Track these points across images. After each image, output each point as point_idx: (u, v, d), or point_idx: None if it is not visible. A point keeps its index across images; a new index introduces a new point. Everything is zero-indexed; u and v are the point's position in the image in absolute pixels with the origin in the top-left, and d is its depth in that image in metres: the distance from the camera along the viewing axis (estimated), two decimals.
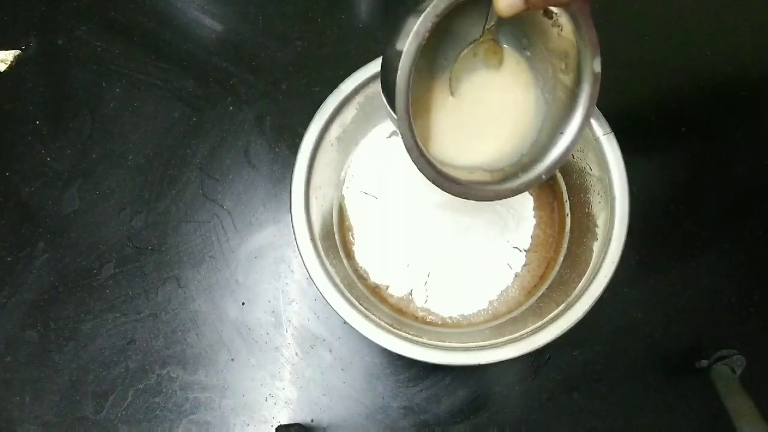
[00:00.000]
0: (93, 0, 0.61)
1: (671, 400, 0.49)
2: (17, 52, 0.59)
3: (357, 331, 0.39)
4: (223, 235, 0.54)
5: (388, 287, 0.47)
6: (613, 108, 0.43)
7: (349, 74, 0.58)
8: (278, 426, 0.48)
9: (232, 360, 0.50)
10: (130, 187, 0.55)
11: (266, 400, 0.50)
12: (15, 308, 0.52)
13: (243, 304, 0.52)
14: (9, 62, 0.59)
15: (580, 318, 0.39)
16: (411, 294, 0.47)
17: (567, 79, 0.37)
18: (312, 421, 0.49)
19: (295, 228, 0.42)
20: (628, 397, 0.49)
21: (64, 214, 0.55)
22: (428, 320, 0.47)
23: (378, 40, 0.59)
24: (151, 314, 0.52)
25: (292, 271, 0.53)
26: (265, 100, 0.57)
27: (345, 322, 0.40)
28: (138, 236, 0.54)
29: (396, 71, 0.32)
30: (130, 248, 0.53)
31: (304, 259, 0.41)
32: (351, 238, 0.49)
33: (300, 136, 0.53)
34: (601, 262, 0.40)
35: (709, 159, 0.55)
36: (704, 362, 0.48)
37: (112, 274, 0.53)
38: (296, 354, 0.51)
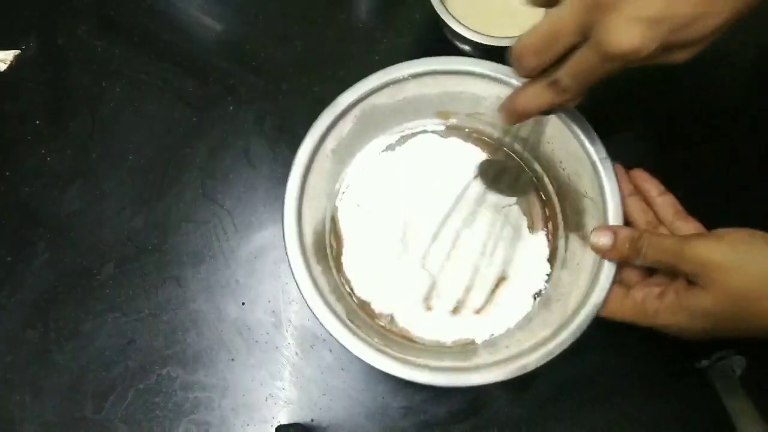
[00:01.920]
0: (93, 0, 0.61)
1: (671, 400, 0.49)
2: (17, 52, 0.59)
3: None
4: (223, 235, 0.54)
5: (371, 303, 0.46)
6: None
7: (349, 74, 0.58)
8: (278, 426, 0.48)
9: (232, 360, 0.50)
10: (130, 187, 0.55)
11: (266, 400, 0.50)
12: (15, 308, 0.52)
13: (243, 304, 0.52)
14: (9, 62, 0.59)
15: (568, 347, 0.39)
16: (395, 315, 0.46)
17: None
18: (312, 421, 0.49)
19: (286, 239, 0.41)
20: (627, 397, 0.49)
21: (64, 214, 0.55)
22: (414, 340, 0.46)
23: (378, 40, 0.59)
24: (151, 314, 0.52)
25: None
26: (265, 100, 0.57)
27: None
28: (138, 236, 0.54)
29: None
30: (130, 248, 0.53)
31: (293, 269, 0.41)
32: (341, 251, 0.48)
33: (300, 136, 0.53)
34: (591, 290, 0.40)
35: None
36: (704, 362, 0.48)
37: (112, 274, 0.53)
38: (296, 354, 0.51)
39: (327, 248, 0.47)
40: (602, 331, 0.40)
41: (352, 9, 0.60)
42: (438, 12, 0.51)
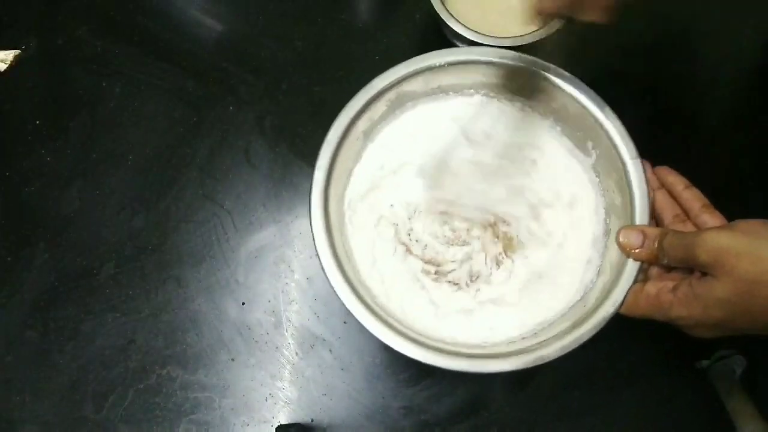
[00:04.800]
0: (93, 0, 0.61)
1: (671, 400, 0.49)
2: (17, 52, 0.59)
3: (357, 331, 0.39)
4: (223, 235, 0.54)
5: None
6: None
7: (349, 74, 0.58)
8: (278, 426, 0.48)
9: (232, 360, 0.50)
10: (130, 187, 0.55)
11: (266, 400, 0.50)
12: (15, 308, 0.52)
13: (243, 304, 0.52)
14: (9, 62, 0.59)
15: (585, 342, 0.39)
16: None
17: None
18: (312, 421, 0.49)
19: (312, 217, 0.41)
20: (628, 397, 0.49)
21: (64, 214, 0.54)
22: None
23: (378, 40, 0.59)
24: (151, 314, 0.52)
25: (292, 271, 0.53)
26: (265, 100, 0.57)
27: (345, 322, 0.40)
28: (138, 236, 0.54)
29: None
30: (130, 248, 0.53)
31: (316, 244, 0.40)
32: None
33: (301, 136, 0.53)
34: (613, 287, 0.40)
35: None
36: (704, 362, 0.48)
37: (112, 274, 0.53)
38: (296, 354, 0.51)
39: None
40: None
41: (352, 9, 0.60)
42: (438, 12, 0.51)
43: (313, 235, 0.41)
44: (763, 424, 0.42)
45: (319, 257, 0.40)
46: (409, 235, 0.46)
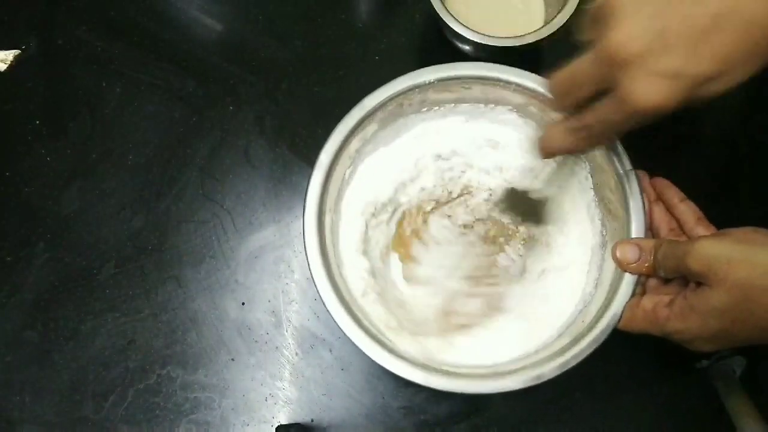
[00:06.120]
0: (93, 0, 0.61)
1: (671, 400, 0.49)
2: (17, 52, 0.59)
3: None
4: (223, 235, 0.54)
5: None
6: None
7: (349, 74, 0.58)
8: (278, 426, 0.48)
9: (232, 360, 0.51)
10: (130, 187, 0.55)
11: (266, 400, 0.50)
12: (15, 308, 0.52)
13: (243, 304, 0.52)
14: (9, 62, 0.59)
15: (584, 359, 0.39)
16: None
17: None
18: (312, 420, 0.49)
19: (306, 239, 0.41)
20: (628, 397, 0.49)
21: (64, 214, 0.55)
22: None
23: (378, 40, 0.59)
24: (151, 314, 0.52)
25: (292, 271, 0.53)
26: (265, 100, 0.57)
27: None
28: (138, 236, 0.54)
29: None
30: (130, 248, 0.53)
31: (311, 265, 0.40)
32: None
33: (300, 136, 0.53)
34: (610, 301, 0.40)
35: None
36: (704, 362, 0.48)
37: (112, 274, 0.53)
38: (296, 354, 0.51)
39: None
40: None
41: (352, 9, 0.60)
42: (438, 12, 0.51)
43: (308, 259, 0.41)
44: (763, 424, 0.42)
45: (312, 276, 0.41)
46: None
